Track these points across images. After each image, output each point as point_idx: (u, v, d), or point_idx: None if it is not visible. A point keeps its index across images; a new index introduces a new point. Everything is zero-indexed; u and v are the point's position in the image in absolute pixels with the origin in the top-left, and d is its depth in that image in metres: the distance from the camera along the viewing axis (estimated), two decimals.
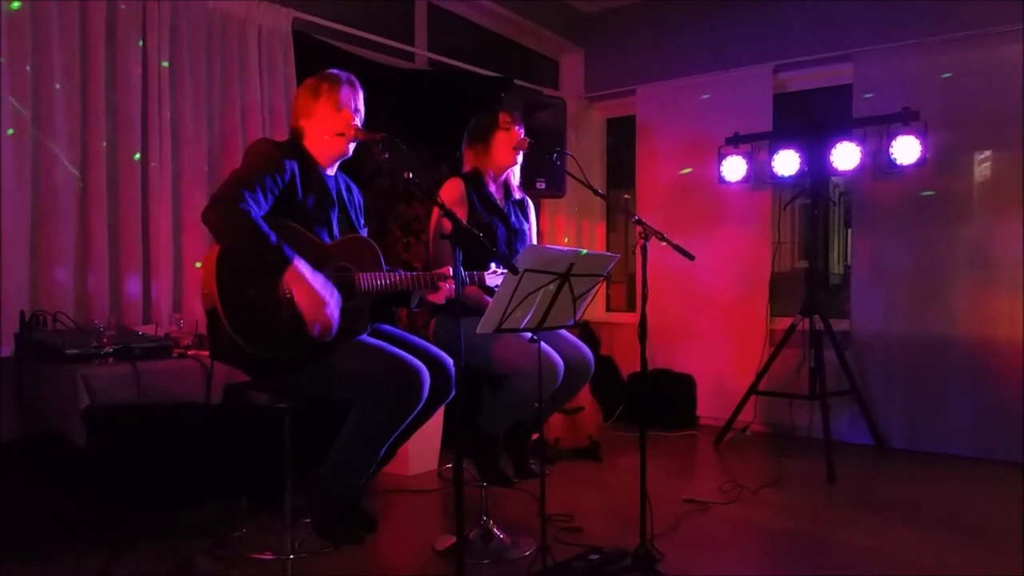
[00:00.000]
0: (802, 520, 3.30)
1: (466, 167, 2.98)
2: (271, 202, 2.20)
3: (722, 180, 4.96)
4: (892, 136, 4.32)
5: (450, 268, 2.39)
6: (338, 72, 2.42)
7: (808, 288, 4.46)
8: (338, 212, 2.41)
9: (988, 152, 4.36)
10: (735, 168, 4.90)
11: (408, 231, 4.40)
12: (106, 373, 2.65)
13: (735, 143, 4.90)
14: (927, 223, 4.47)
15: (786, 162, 4.63)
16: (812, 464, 4.03)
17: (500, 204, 2.96)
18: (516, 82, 5.07)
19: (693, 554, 2.86)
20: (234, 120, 3.63)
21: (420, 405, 2.17)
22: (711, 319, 5.17)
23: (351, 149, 2.40)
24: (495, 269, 2.55)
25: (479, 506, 2.93)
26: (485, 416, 2.77)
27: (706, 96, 5.25)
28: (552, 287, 2.27)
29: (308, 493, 2.21)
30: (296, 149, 2.37)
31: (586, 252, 2.28)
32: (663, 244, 2.59)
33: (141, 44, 3.29)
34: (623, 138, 5.94)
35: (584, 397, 4.32)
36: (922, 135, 4.24)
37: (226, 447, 2.93)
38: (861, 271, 4.74)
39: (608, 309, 6.05)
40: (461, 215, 2.74)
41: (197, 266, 3.40)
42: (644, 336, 2.58)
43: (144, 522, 2.87)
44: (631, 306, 5.91)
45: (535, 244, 3.05)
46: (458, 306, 2.09)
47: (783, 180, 4.73)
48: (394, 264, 2.57)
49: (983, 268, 4.34)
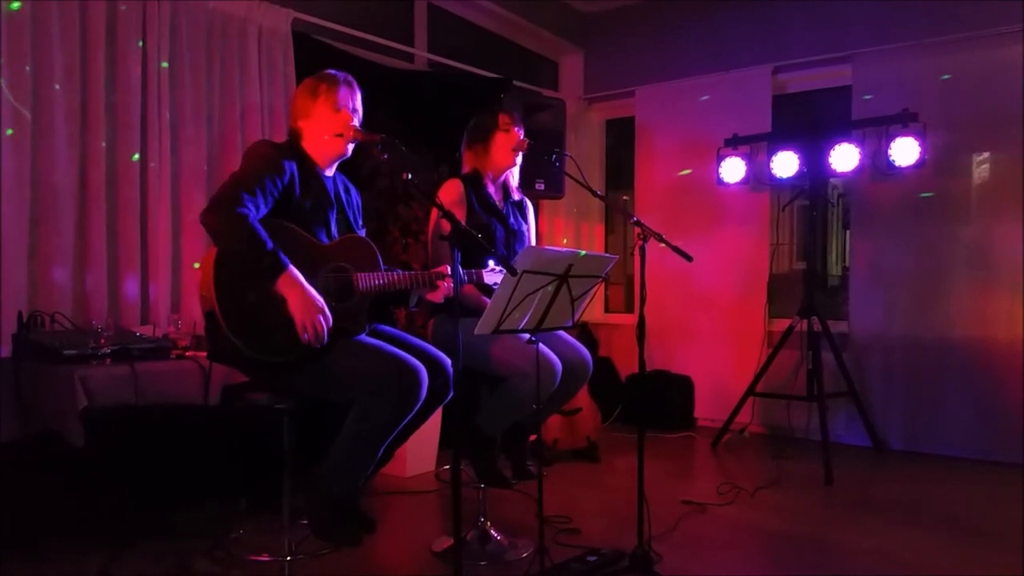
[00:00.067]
0: (800, 521, 3.30)
1: (465, 168, 2.98)
2: (270, 204, 2.20)
3: (721, 181, 4.96)
4: (891, 137, 4.32)
5: (448, 267, 2.39)
6: (336, 72, 2.41)
7: (806, 289, 4.46)
8: (336, 213, 2.41)
9: (987, 153, 4.36)
10: (734, 169, 4.90)
11: (407, 232, 4.40)
12: (104, 374, 2.65)
13: (734, 144, 4.90)
14: (926, 224, 4.47)
15: (785, 163, 4.63)
16: (810, 465, 4.03)
17: (499, 205, 2.96)
18: (515, 83, 5.07)
19: (691, 555, 2.86)
20: (234, 120, 3.63)
21: (419, 405, 2.17)
22: (709, 320, 5.18)
23: (350, 150, 2.40)
24: (493, 267, 2.55)
25: (477, 507, 2.92)
26: (483, 417, 2.77)
27: (705, 97, 5.25)
28: (550, 288, 2.27)
29: (306, 494, 2.22)
30: (295, 150, 2.37)
31: (584, 253, 2.28)
32: (662, 245, 2.59)
33: (141, 44, 3.29)
34: (622, 139, 5.94)
35: (582, 398, 4.32)
36: (921, 136, 4.25)
37: (224, 448, 2.93)
38: (859, 272, 4.74)
39: (606, 310, 6.05)
40: (460, 216, 2.74)
41: (196, 267, 3.40)
42: (642, 337, 2.58)
43: (142, 523, 2.87)
44: (629, 307, 5.91)
45: (534, 245, 3.05)
46: (456, 307, 2.09)
47: (782, 181, 4.73)
48: (393, 265, 2.57)
49: (982, 269, 4.34)
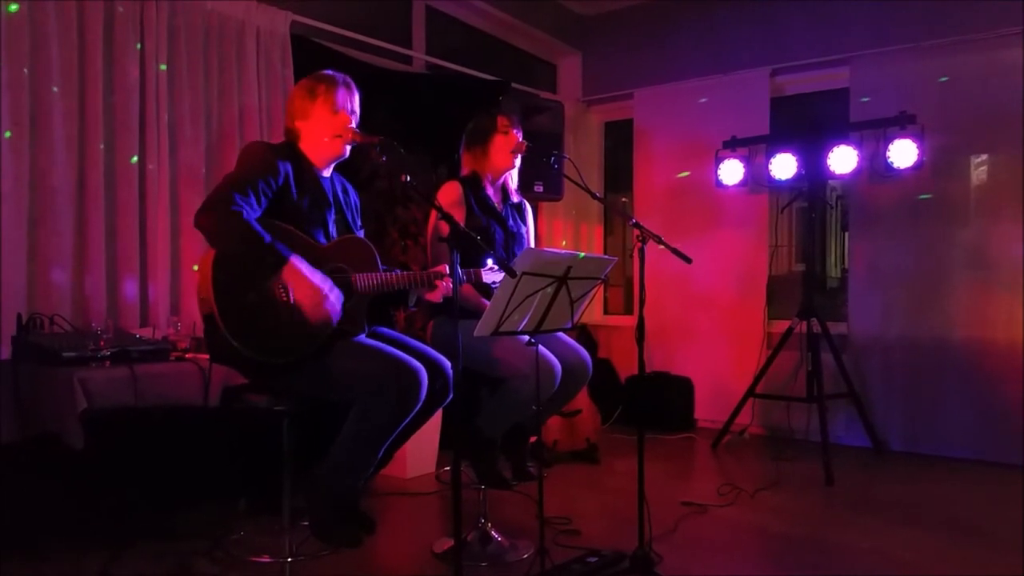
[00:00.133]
0: (800, 522, 3.29)
1: (464, 170, 2.98)
2: (264, 205, 2.19)
3: (719, 183, 4.96)
4: (889, 139, 4.33)
5: (447, 266, 2.39)
6: (334, 73, 2.41)
7: (805, 291, 4.47)
8: (334, 214, 2.40)
9: (985, 156, 4.36)
10: (732, 171, 4.90)
11: (406, 234, 4.39)
12: (103, 376, 2.65)
13: (732, 146, 4.90)
14: (924, 226, 4.48)
15: (783, 165, 4.64)
16: (810, 467, 4.03)
17: (498, 207, 2.96)
18: (514, 85, 5.08)
19: (691, 556, 2.86)
20: (232, 122, 3.63)
21: (418, 406, 2.17)
22: (709, 322, 5.18)
23: (347, 151, 2.40)
24: (491, 265, 2.55)
25: (477, 509, 2.92)
26: (483, 419, 2.77)
27: (703, 99, 5.26)
28: (550, 290, 2.27)
29: (306, 495, 2.21)
30: (291, 151, 2.35)
31: (584, 255, 2.28)
32: (661, 247, 2.59)
33: (139, 46, 3.29)
34: (620, 141, 5.95)
35: (582, 400, 4.32)
36: (919, 139, 4.25)
37: (224, 449, 2.92)
38: (858, 274, 4.74)
39: (606, 312, 6.05)
40: (459, 218, 2.74)
41: (195, 269, 3.40)
42: (642, 339, 2.58)
43: (142, 524, 2.86)
44: (629, 309, 5.91)
45: (533, 247, 3.05)
46: (455, 308, 2.09)
47: (780, 183, 4.73)
48: (392, 267, 2.57)
49: (980, 271, 4.34)
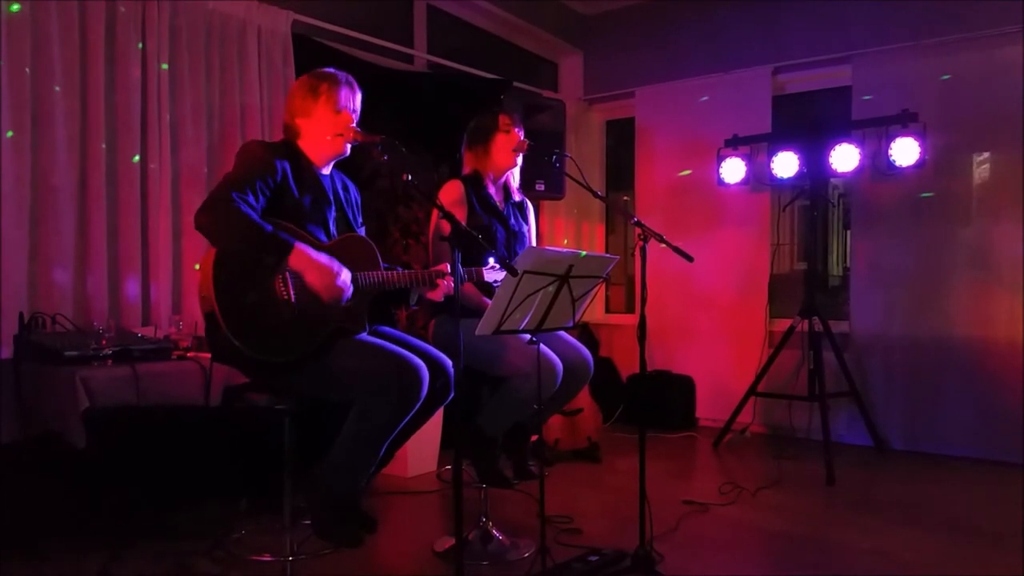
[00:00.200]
0: (801, 521, 3.29)
1: (466, 169, 2.98)
2: (263, 203, 2.18)
3: (721, 182, 4.96)
4: (891, 138, 4.32)
5: (448, 265, 2.38)
6: (336, 72, 2.40)
7: (807, 290, 4.46)
8: (335, 212, 2.39)
9: (987, 154, 4.36)
10: (734, 170, 4.90)
11: (407, 233, 4.40)
12: (105, 375, 2.65)
13: (734, 145, 4.90)
14: (926, 224, 4.47)
15: (785, 164, 4.63)
16: (811, 465, 4.03)
17: (500, 206, 2.96)
18: (515, 84, 5.07)
19: (692, 555, 2.86)
20: (234, 122, 3.63)
21: (419, 403, 2.17)
22: (710, 321, 5.17)
23: (348, 149, 2.39)
24: (493, 264, 2.55)
25: (478, 507, 2.93)
26: (484, 417, 2.77)
27: (705, 98, 5.25)
28: (551, 289, 2.27)
29: (307, 494, 2.21)
30: (288, 149, 2.34)
31: (585, 254, 2.28)
32: (662, 246, 2.59)
33: (140, 46, 3.29)
34: (622, 140, 5.94)
35: (583, 398, 4.32)
36: (921, 137, 4.25)
37: (225, 448, 2.93)
38: (860, 273, 4.74)
39: (607, 311, 6.05)
40: (460, 217, 2.74)
41: (196, 268, 3.40)
42: (643, 337, 2.58)
43: (143, 523, 2.87)
44: (630, 308, 5.91)
45: (534, 246, 3.05)
46: (457, 307, 2.09)
47: (782, 182, 4.73)
48: (393, 265, 2.57)
49: (982, 269, 4.34)
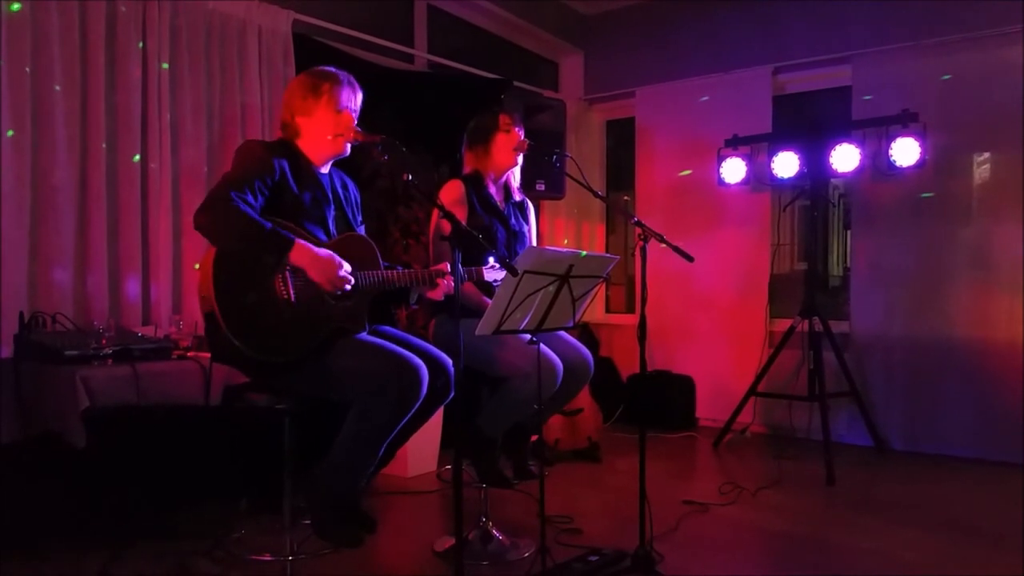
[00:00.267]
0: (801, 521, 3.29)
1: (466, 169, 2.98)
2: (262, 202, 2.18)
3: (721, 182, 4.96)
4: (891, 138, 4.32)
5: (448, 264, 2.38)
6: (336, 71, 2.39)
7: (807, 290, 4.46)
8: (334, 210, 2.39)
9: (987, 154, 4.36)
10: (734, 170, 4.90)
11: (408, 233, 4.40)
12: (105, 374, 2.65)
13: (734, 145, 4.90)
14: (926, 225, 4.47)
15: (785, 164, 4.63)
16: (811, 465, 4.03)
17: (500, 206, 2.96)
18: (516, 84, 5.07)
19: (692, 555, 2.86)
20: (234, 122, 3.63)
21: (419, 403, 2.17)
22: (710, 321, 5.17)
23: (348, 149, 2.39)
24: (493, 264, 2.55)
25: (478, 507, 2.93)
26: (484, 417, 2.77)
27: (705, 98, 5.25)
28: (551, 288, 2.27)
29: (307, 494, 2.21)
30: (286, 148, 2.34)
31: (585, 254, 2.28)
32: (662, 246, 2.59)
33: (141, 46, 3.29)
34: (622, 140, 5.94)
35: (583, 398, 4.32)
36: (921, 137, 4.25)
37: (225, 448, 2.93)
38: (860, 273, 4.74)
39: (607, 311, 6.05)
40: (461, 217, 2.73)
41: (196, 268, 3.40)
42: (643, 337, 2.58)
43: (143, 523, 2.87)
44: (630, 308, 5.91)
45: (534, 246, 3.05)
46: (457, 307, 2.09)
47: (782, 182, 4.73)
48: (393, 265, 2.56)
49: (982, 270, 4.34)
